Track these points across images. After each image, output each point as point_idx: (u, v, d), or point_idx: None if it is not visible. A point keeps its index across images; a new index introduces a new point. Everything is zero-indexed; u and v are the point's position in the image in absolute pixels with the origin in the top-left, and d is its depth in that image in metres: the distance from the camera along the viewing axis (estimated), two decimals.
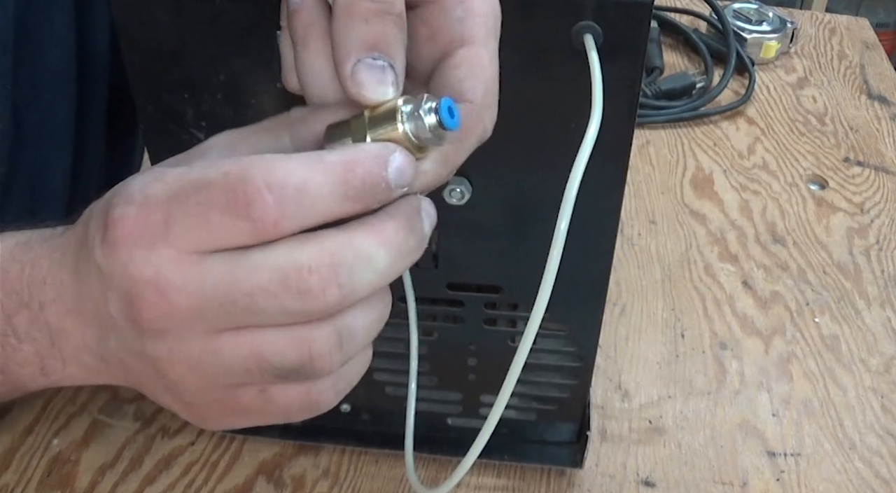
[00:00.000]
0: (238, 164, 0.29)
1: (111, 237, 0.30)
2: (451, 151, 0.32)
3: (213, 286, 0.29)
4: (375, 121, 0.30)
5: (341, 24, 0.30)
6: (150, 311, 0.29)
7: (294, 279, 0.28)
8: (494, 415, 0.37)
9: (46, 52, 0.51)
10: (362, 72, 0.30)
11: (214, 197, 0.28)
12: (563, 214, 0.35)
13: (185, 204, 0.29)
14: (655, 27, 1.02)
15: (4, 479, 0.55)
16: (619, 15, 0.36)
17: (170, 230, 0.29)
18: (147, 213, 0.29)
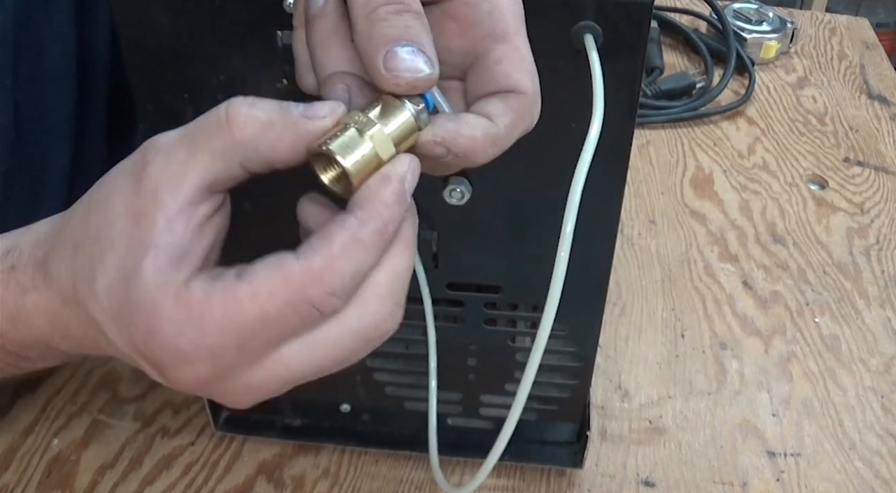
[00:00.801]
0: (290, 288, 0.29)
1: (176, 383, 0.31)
2: (500, 135, 0.32)
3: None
4: (385, 114, 0.31)
5: (363, 28, 0.31)
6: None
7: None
8: (512, 418, 0.37)
9: (46, 50, 0.51)
10: (393, 59, 0.30)
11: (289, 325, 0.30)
12: (568, 217, 0.35)
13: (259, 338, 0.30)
14: (655, 27, 1.02)
15: (4, 479, 0.55)
16: (619, 15, 0.36)
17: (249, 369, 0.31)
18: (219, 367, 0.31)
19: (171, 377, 0.31)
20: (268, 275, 0.30)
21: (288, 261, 0.30)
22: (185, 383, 0.31)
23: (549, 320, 0.35)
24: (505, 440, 0.38)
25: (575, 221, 0.35)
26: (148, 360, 0.31)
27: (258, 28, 0.38)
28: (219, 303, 0.30)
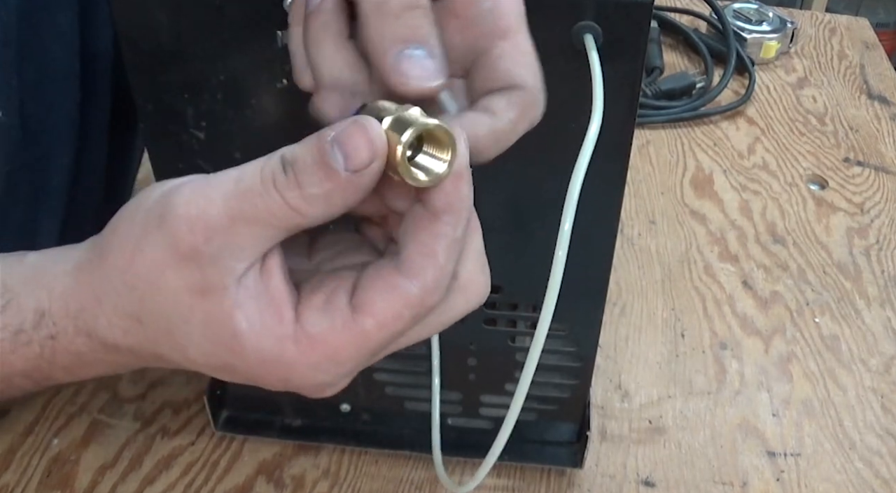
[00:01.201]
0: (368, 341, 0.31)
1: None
2: (505, 131, 0.33)
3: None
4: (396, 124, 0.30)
5: (373, 23, 0.31)
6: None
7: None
8: (512, 416, 0.37)
9: (50, 50, 0.51)
10: (404, 62, 0.30)
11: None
12: (566, 216, 0.35)
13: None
14: (655, 27, 1.02)
15: (4, 479, 0.55)
16: (619, 15, 0.36)
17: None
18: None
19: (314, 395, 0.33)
20: (388, 304, 0.31)
21: (402, 283, 0.31)
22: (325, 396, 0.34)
23: (546, 318, 0.35)
24: (505, 437, 0.38)
25: (573, 219, 0.35)
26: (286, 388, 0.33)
27: (258, 28, 0.38)
28: (348, 340, 0.31)
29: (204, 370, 0.33)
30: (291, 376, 0.32)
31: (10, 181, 0.51)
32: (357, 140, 0.29)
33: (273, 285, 0.31)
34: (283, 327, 0.31)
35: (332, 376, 0.32)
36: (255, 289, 0.31)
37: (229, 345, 0.31)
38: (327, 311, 0.31)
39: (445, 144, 0.30)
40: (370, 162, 0.29)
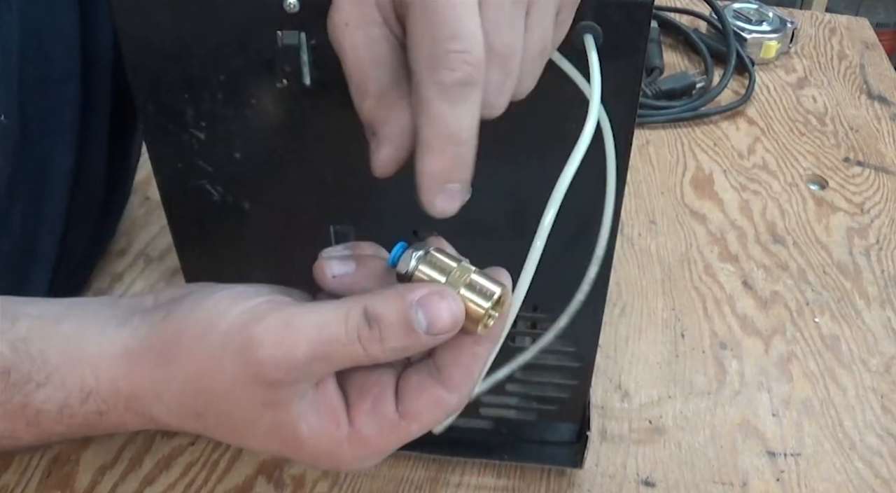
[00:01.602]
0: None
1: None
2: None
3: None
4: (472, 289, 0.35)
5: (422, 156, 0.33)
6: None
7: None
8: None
9: (51, 53, 0.51)
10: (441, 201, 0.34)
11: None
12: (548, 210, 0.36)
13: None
14: (655, 27, 1.02)
15: (4, 479, 0.55)
16: (619, 15, 0.36)
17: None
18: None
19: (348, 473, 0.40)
20: (433, 413, 0.37)
21: (444, 396, 0.36)
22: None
23: (517, 303, 0.37)
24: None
25: (556, 212, 0.36)
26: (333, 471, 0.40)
27: (258, 28, 0.38)
28: (395, 439, 0.37)
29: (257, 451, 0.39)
30: (342, 465, 0.37)
31: (10, 183, 0.51)
32: (441, 311, 0.34)
33: (329, 394, 0.36)
34: (339, 430, 0.36)
35: (374, 461, 0.38)
36: (313, 399, 0.36)
37: (291, 444, 0.36)
38: (377, 415, 0.36)
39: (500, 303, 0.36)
40: (451, 329, 0.34)
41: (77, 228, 0.59)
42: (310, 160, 0.43)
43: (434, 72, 0.31)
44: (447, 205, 0.34)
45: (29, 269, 0.56)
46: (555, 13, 0.34)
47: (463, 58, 0.31)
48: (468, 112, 0.32)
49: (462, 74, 0.31)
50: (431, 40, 0.31)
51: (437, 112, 0.32)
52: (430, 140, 0.32)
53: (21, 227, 0.53)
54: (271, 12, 0.37)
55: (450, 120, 0.32)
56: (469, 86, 0.32)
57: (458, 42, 0.31)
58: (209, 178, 0.44)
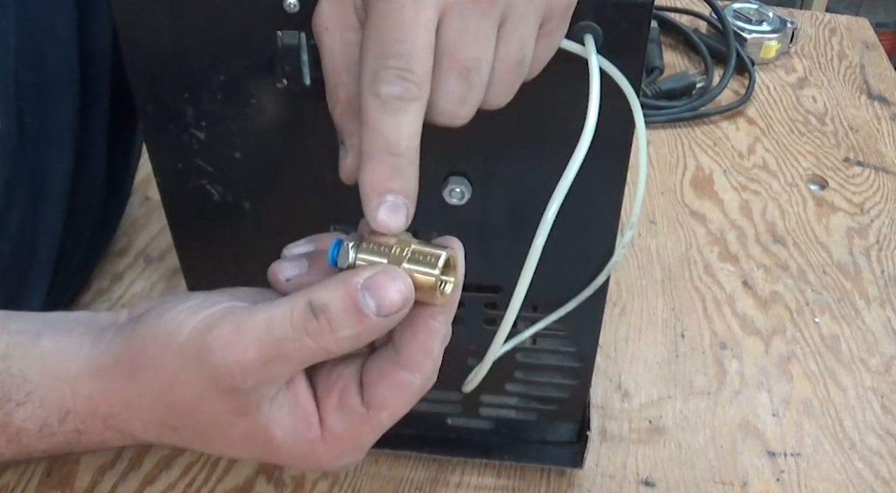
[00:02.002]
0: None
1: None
2: None
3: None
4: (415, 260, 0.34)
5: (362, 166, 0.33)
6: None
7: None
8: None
9: (49, 56, 0.51)
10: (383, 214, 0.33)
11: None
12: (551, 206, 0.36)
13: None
14: (655, 27, 1.02)
15: (4, 479, 0.55)
16: (619, 15, 0.36)
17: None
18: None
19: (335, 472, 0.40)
20: (397, 398, 0.36)
21: (406, 378, 0.36)
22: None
23: (516, 303, 0.37)
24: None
25: (557, 210, 0.36)
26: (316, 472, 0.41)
27: (258, 28, 0.38)
28: (367, 431, 0.36)
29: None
30: (321, 465, 0.37)
31: (8, 186, 0.51)
32: (389, 290, 0.33)
33: (299, 396, 0.36)
34: (312, 431, 0.36)
35: (354, 457, 0.38)
36: (283, 401, 0.36)
37: (268, 449, 0.36)
38: (345, 412, 0.36)
39: (451, 266, 0.35)
40: (402, 307, 0.34)
41: (76, 230, 0.59)
42: (310, 160, 0.43)
43: (373, 84, 0.32)
44: (390, 219, 0.33)
45: (28, 272, 0.56)
46: (536, 24, 0.34)
47: (401, 74, 0.32)
48: (406, 124, 0.32)
49: (400, 89, 0.32)
50: (376, 53, 0.32)
51: (374, 122, 0.32)
52: (367, 149, 0.32)
53: (19, 230, 0.53)
54: (271, 12, 0.37)
55: (387, 130, 0.32)
56: (406, 100, 0.32)
57: (398, 59, 0.32)
58: (209, 178, 0.44)
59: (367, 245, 0.35)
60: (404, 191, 0.33)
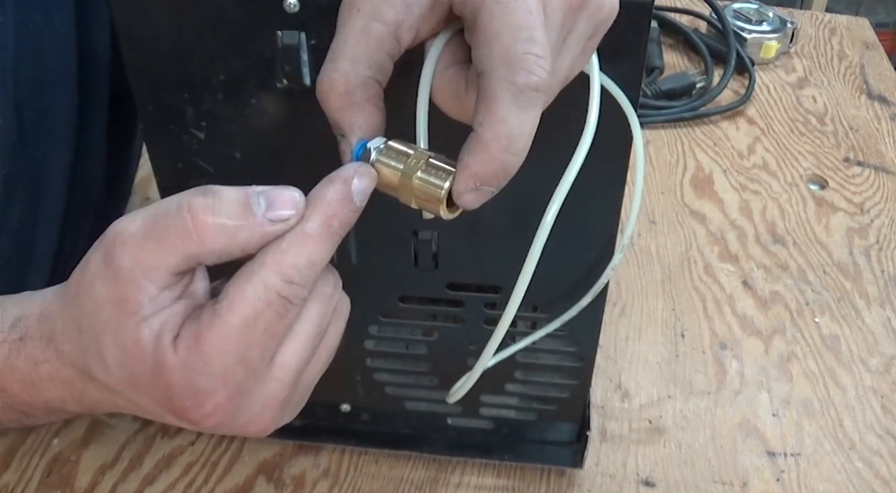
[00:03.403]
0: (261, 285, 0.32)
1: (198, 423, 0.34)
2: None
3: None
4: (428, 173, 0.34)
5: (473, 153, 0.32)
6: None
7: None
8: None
9: (47, 53, 0.51)
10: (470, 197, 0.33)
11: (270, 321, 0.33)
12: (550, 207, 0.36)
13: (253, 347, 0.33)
14: (655, 27, 1.02)
15: (4, 479, 0.55)
16: (619, 15, 0.36)
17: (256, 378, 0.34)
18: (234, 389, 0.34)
19: (197, 417, 0.34)
20: (234, 284, 0.32)
21: (255, 268, 0.32)
22: (211, 418, 0.34)
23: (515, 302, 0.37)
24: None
25: (557, 211, 0.36)
26: (174, 411, 0.34)
27: (258, 28, 0.38)
28: (207, 330, 0.32)
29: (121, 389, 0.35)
30: (172, 381, 0.33)
31: (7, 184, 0.51)
32: (283, 197, 0.33)
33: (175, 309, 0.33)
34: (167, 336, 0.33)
35: (206, 379, 0.33)
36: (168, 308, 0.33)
37: (133, 352, 0.33)
38: (195, 315, 0.33)
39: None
40: (287, 218, 0.32)
41: (75, 228, 0.59)
42: (310, 160, 0.43)
43: (511, 71, 0.31)
44: (474, 201, 0.33)
45: (26, 269, 0.56)
46: (585, 41, 0.34)
47: (539, 63, 0.31)
48: (531, 121, 0.32)
49: (538, 79, 0.31)
50: (511, 40, 0.31)
51: (503, 114, 0.31)
52: (487, 140, 0.32)
53: (18, 227, 0.53)
54: (271, 12, 0.37)
55: (513, 123, 0.31)
56: (539, 93, 0.31)
57: (537, 46, 0.31)
58: (209, 178, 0.44)
59: (388, 151, 0.34)
60: (499, 186, 0.33)
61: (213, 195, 0.32)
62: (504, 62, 0.31)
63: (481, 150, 0.32)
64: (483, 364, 0.41)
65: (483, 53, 0.31)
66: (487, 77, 0.31)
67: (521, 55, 0.31)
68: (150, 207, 0.33)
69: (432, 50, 0.34)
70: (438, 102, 0.34)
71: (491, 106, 0.31)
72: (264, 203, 0.32)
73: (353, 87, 0.33)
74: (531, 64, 0.31)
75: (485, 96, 0.31)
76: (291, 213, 0.32)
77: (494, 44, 0.31)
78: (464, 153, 0.32)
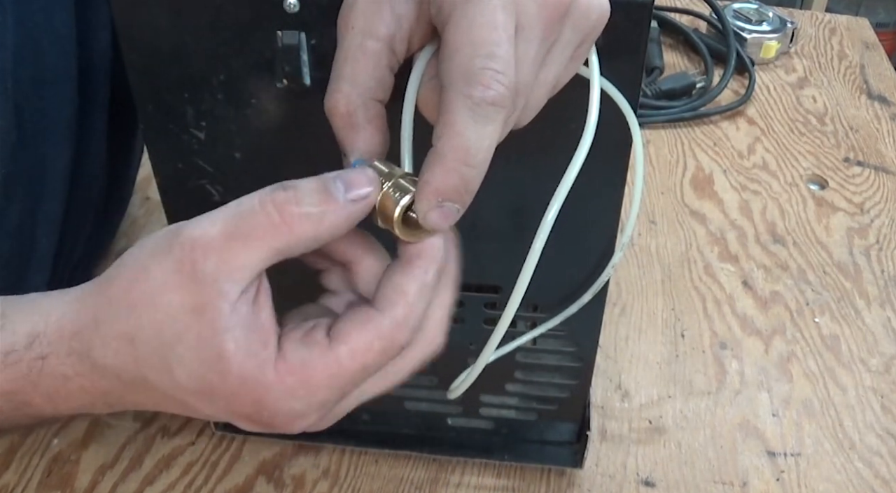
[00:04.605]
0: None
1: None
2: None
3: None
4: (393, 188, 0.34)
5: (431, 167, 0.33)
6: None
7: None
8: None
9: (47, 53, 0.51)
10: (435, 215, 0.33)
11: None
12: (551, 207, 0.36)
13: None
14: (655, 27, 1.02)
15: (4, 479, 0.55)
16: (619, 15, 0.36)
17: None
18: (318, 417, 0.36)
19: (281, 429, 0.35)
20: (360, 334, 0.33)
21: (374, 316, 0.34)
22: (292, 431, 0.35)
23: (515, 301, 0.37)
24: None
25: (557, 211, 0.36)
26: (252, 420, 0.35)
27: (258, 28, 0.38)
28: (322, 366, 0.33)
29: (185, 397, 0.34)
30: (266, 399, 0.33)
31: (6, 183, 0.51)
32: (358, 176, 0.33)
33: (263, 316, 0.34)
34: (266, 350, 0.33)
35: (304, 405, 0.34)
36: (246, 317, 0.33)
37: (215, 365, 0.33)
38: (306, 342, 0.34)
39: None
40: (367, 195, 0.33)
41: (75, 228, 0.59)
42: (310, 160, 0.43)
43: (468, 85, 0.31)
44: (440, 221, 0.33)
45: (27, 270, 0.56)
46: (573, 49, 0.35)
47: (498, 78, 0.31)
48: (489, 135, 0.32)
49: (495, 94, 0.31)
50: (471, 54, 0.31)
51: (460, 127, 0.32)
52: (444, 153, 0.32)
53: (18, 227, 0.53)
54: (271, 12, 0.37)
55: (470, 137, 0.32)
56: (497, 107, 0.32)
57: (496, 61, 0.31)
58: (209, 178, 0.44)
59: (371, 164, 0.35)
60: (462, 202, 0.33)
61: (292, 188, 0.33)
62: (462, 76, 0.31)
63: (439, 163, 0.32)
64: (485, 359, 0.41)
65: (444, 67, 0.32)
66: (446, 91, 0.32)
67: (479, 70, 0.31)
68: (222, 209, 0.33)
69: (417, 62, 0.35)
70: (425, 114, 0.35)
71: (448, 119, 0.32)
72: (342, 186, 0.33)
73: (355, 108, 0.34)
74: (489, 79, 0.31)
75: (443, 110, 0.32)
76: (370, 190, 0.33)
77: (455, 57, 0.32)
78: (424, 170, 0.33)
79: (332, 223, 0.33)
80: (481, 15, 0.31)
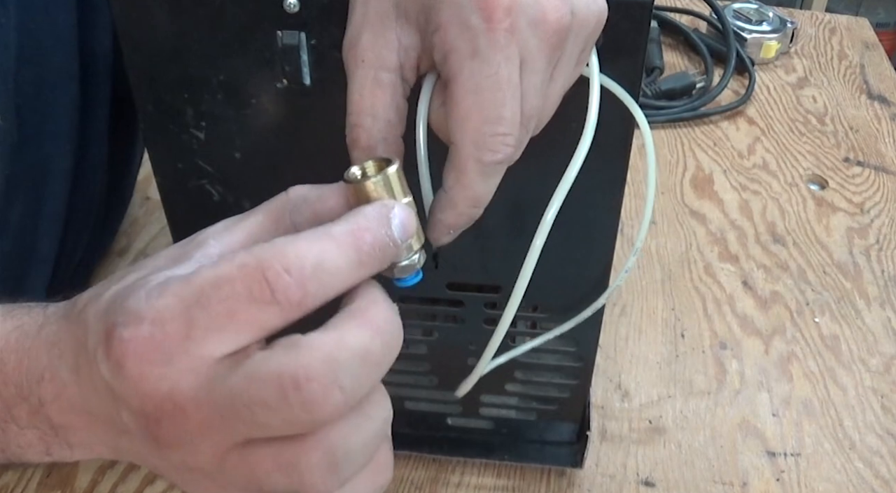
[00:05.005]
0: (250, 254, 0.29)
1: (119, 357, 0.29)
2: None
3: (221, 397, 0.28)
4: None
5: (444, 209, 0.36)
6: (167, 427, 0.29)
7: (292, 389, 0.27)
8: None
9: (49, 53, 0.51)
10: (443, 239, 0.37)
11: (236, 291, 0.28)
12: (551, 205, 0.36)
13: (207, 307, 0.28)
14: (655, 27, 1.02)
15: (4, 479, 0.55)
16: (619, 15, 0.36)
17: (191, 339, 0.28)
18: (163, 328, 0.28)
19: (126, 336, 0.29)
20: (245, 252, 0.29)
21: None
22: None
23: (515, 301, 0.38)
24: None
25: (557, 211, 0.36)
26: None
27: (258, 28, 0.38)
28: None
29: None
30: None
31: (8, 184, 0.51)
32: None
33: None
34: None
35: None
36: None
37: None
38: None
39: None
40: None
41: (76, 228, 0.59)
42: (310, 160, 0.43)
43: (478, 150, 0.33)
44: (445, 240, 0.37)
45: (28, 269, 0.56)
46: (578, 55, 0.35)
47: (505, 140, 0.33)
48: (496, 183, 0.35)
49: (503, 156, 0.33)
50: (480, 120, 0.32)
51: (470, 183, 0.34)
52: (456, 201, 0.35)
53: (20, 227, 0.53)
54: (271, 12, 0.37)
55: (479, 189, 0.34)
56: (504, 164, 0.34)
57: (503, 125, 0.33)
58: (209, 178, 0.44)
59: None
60: (465, 228, 0.36)
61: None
62: (472, 142, 0.33)
63: (451, 208, 0.35)
64: (488, 357, 0.41)
65: (454, 127, 0.33)
66: (457, 150, 0.33)
67: (489, 138, 0.33)
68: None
69: (425, 85, 0.35)
70: (440, 136, 0.36)
71: (460, 176, 0.34)
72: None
73: (376, 142, 0.35)
74: (497, 144, 0.33)
75: (454, 165, 0.34)
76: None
77: (465, 123, 0.33)
78: (436, 209, 0.35)
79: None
80: (486, 77, 0.32)
